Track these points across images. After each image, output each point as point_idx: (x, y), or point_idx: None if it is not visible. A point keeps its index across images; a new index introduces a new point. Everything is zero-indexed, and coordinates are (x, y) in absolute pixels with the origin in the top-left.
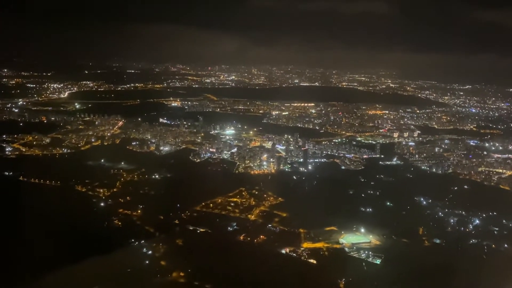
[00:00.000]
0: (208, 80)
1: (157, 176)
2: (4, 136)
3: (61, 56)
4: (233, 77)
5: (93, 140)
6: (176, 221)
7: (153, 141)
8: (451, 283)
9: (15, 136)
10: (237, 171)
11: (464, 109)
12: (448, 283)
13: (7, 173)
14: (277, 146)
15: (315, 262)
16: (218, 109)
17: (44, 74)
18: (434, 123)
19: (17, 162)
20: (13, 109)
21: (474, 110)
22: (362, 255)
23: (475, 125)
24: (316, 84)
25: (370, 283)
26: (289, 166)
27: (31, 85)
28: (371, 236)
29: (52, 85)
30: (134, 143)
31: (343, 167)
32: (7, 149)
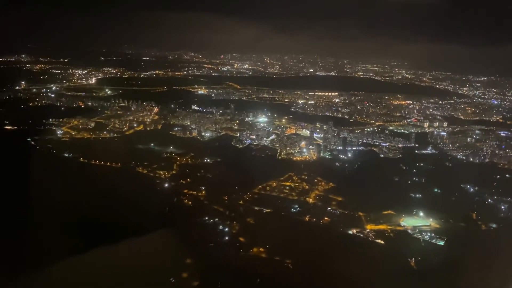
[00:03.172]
0: (224, 69)
1: (208, 160)
2: (50, 120)
3: (72, 42)
4: (247, 65)
5: (135, 125)
6: (241, 202)
7: (193, 127)
8: None
9: (60, 120)
10: (280, 157)
11: (485, 101)
12: None
13: (66, 155)
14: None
15: (382, 242)
16: (244, 97)
17: (61, 60)
18: (460, 113)
19: (71, 144)
20: (49, 94)
21: (495, 102)
22: (425, 237)
23: (500, 117)
24: (332, 73)
25: (439, 262)
26: (329, 154)
27: (56, 71)
28: (431, 220)
29: (76, 71)
30: (176, 128)
31: (381, 155)
32: (58, 132)
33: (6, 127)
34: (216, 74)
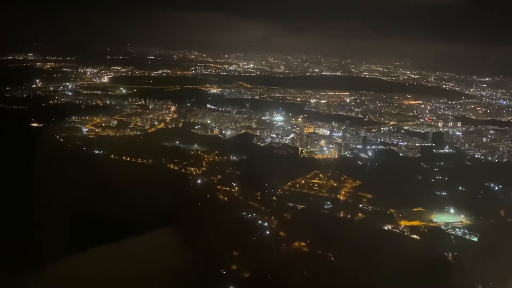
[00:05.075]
0: (231, 68)
1: (234, 158)
2: (72, 117)
3: (76, 41)
4: (252, 65)
5: (156, 123)
6: (274, 198)
7: (214, 125)
8: None
9: (83, 117)
10: (302, 155)
11: (494, 101)
12: None
13: (97, 152)
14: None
15: (418, 237)
16: (257, 96)
17: (68, 58)
18: (471, 114)
19: (99, 141)
20: (66, 92)
21: (504, 102)
22: (458, 232)
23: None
24: (338, 73)
25: (475, 257)
26: (350, 152)
27: (67, 70)
28: (462, 216)
29: (87, 69)
30: (197, 127)
31: (401, 154)
32: (83, 130)
33: (33, 124)
34: (224, 73)
